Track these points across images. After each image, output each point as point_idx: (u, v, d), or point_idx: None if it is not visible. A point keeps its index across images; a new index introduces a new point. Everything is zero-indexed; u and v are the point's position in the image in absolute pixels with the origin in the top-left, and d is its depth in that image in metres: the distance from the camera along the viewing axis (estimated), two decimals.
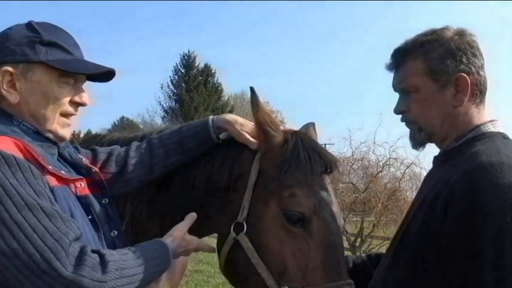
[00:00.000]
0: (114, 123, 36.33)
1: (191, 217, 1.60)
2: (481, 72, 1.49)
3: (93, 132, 2.25)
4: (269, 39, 72.31)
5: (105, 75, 1.56)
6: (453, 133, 1.50)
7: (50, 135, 1.45)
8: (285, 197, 1.60)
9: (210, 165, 1.77)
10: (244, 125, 1.77)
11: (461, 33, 1.50)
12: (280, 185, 1.62)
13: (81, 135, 19.23)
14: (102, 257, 1.22)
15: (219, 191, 1.74)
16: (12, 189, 1.17)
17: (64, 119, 1.47)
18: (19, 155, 1.26)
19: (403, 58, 1.54)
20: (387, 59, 1.60)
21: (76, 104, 1.49)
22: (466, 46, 1.47)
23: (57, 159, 1.49)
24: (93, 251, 1.23)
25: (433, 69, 1.47)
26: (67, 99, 1.45)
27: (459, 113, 1.48)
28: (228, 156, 1.76)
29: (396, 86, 1.58)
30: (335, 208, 1.67)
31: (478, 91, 1.48)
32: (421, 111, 1.52)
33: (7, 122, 1.38)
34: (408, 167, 13.80)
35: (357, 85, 66.90)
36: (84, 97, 1.50)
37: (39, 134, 1.42)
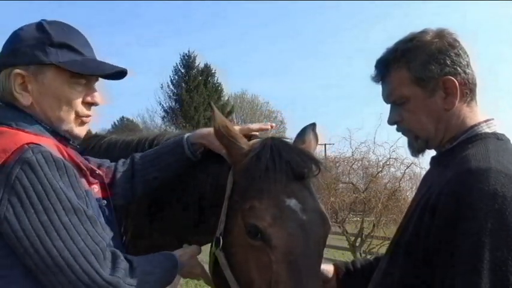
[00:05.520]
0: (114, 123, 36.52)
1: (198, 249, 1.70)
2: (467, 71, 1.47)
3: (93, 132, 2.25)
4: (270, 39, 72.37)
5: (117, 73, 1.56)
6: (448, 135, 1.50)
7: (66, 134, 1.47)
8: (246, 209, 1.54)
9: (201, 182, 1.78)
10: None
11: (440, 35, 1.49)
12: (243, 197, 1.57)
13: None
14: (130, 262, 1.36)
15: (210, 206, 1.75)
16: (61, 192, 1.23)
17: (80, 119, 1.48)
18: (60, 157, 1.30)
19: (386, 69, 1.54)
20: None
21: (89, 104, 1.49)
22: (448, 47, 1.46)
23: None
24: (124, 256, 1.35)
25: (418, 77, 1.46)
26: (79, 99, 1.46)
27: (452, 115, 1.47)
28: (211, 171, 1.78)
29: (386, 99, 1.58)
30: (308, 216, 1.55)
31: (468, 90, 1.47)
32: (414, 120, 1.51)
33: (32, 122, 1.39)
34: (408, 167, 13.80)
35: (358, 85, 66.92)
36: (96, 97, 1.50)
37: (56, 133, 1.44)
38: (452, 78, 1.44)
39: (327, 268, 1.85)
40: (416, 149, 1.57)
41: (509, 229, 1.19)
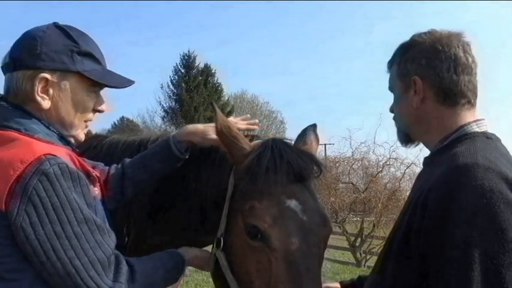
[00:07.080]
0: (114, 123, 36.55)
1: (209, 254, 1.70)
2: (443, 75, 1.48)
3: (93, 132, 2.25)
4: (270, 39, 72.39)
5: None
6: (430, 134, 1.54)
7: (72, 140, 1.51)
8: (246, 210, 1.54)
9: (202, 184, 1.79)
10: (206, 130, 1.80)
11: (432, 37, 1.53)
12: (243, 198, 1.57)
13: None
14: (131, 267, 1.40)
15: (211, 207, 1.75)
16: (75, 203, 1.28)
17: (84, 124, 1.55)
18: (74, 168, 1.35)
19: (390, 63, 1.66)
20: (387, 59, 1.69)
21: (95, 111, 1.56)
22: (429, 49, 1.51)
23: None
24: (126, 260, 1.40)
25: (399, 72, 1.58)
26: (91, 107, 1.53)
27: (425, 115, 1.52)
28: (212, 172, 1.79)
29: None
30: (308, 217, 1.55)
31: (442, 94, 1.49)
32: (396, 110, 1.65)
33: (40, 127, 1.40)
34: (408, 167, 13.84)
35: (358, 85, 67.00)
36: (104, 106, 1.58)
37: (62, 138, 1.47)
38: (418, 79, 1.51)
39: (334, 286, 1.91)
40: (399, 139, 1.68)
41: (498, 223, 1.21)
